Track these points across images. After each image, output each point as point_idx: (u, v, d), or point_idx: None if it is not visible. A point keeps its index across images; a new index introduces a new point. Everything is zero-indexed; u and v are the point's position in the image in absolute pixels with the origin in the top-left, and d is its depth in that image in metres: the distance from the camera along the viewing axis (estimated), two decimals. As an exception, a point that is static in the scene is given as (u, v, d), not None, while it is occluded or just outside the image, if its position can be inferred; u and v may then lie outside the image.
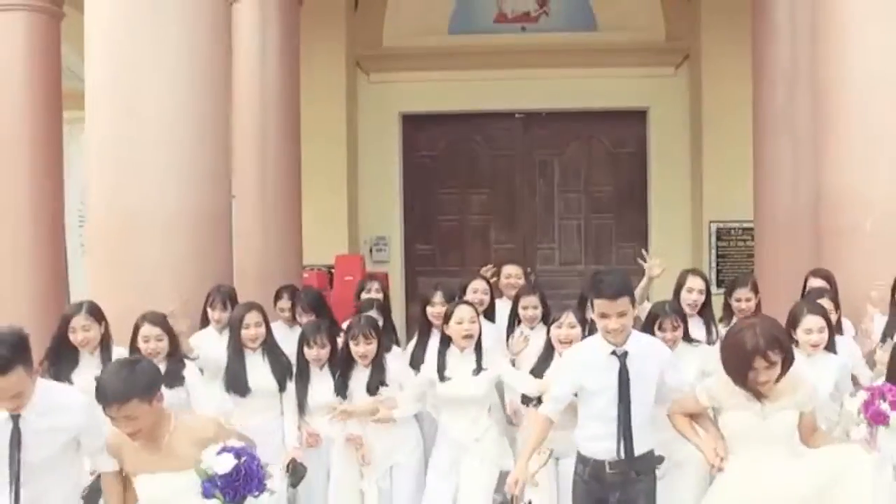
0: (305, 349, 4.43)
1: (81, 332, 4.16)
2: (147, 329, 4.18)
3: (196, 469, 2.85)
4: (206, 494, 2.84)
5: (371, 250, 9.68)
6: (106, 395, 2.88)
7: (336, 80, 9.30)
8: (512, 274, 5.57)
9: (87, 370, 4.04)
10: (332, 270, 8.69)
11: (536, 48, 9.63)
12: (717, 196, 8.93)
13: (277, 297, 5.51)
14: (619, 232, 10.09)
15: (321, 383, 4.40)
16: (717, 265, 8.84)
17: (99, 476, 3.28)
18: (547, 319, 4.60)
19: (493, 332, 4.82)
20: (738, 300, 4.76)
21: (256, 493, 2.88)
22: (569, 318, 4.24)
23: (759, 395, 3.03)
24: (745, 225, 8.42)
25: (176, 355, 4.24)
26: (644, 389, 3.33)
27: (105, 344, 4.26)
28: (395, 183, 9.97)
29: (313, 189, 8.39)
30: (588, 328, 4.16)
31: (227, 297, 4.86)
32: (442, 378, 4.20)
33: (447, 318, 4.27)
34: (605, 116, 9.87)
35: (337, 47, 9.30)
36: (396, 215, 9.96)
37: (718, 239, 8.99)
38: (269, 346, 4.50)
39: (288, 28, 7.53)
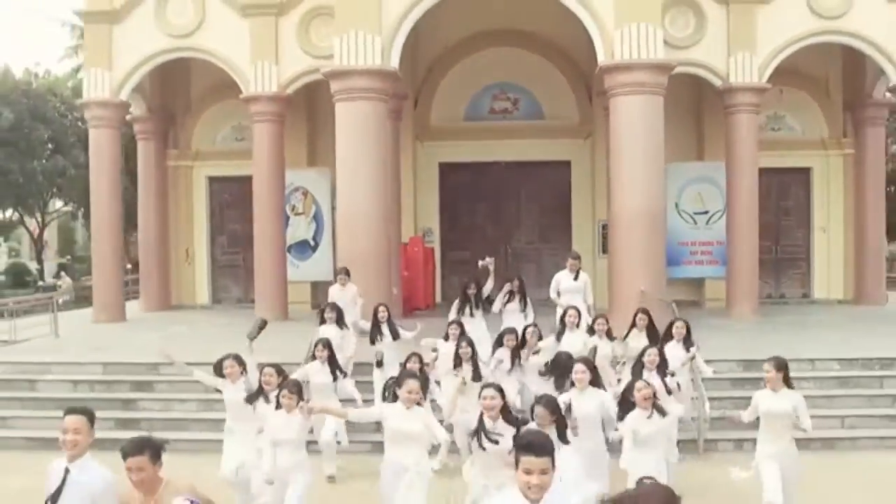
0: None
1: (267, 385, 7.17)
2: (381, 309, 9.84)
3: None
4: None
5: (424, 235, 18.01)
6: (126, 450, 4.27)
7: (407, 146, 17.62)
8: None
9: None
10: (405, 244, 16.96)
11: (512, 127, 18.04)
12: (601, 207, 17.21)
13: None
14: (556, 227, 18.49)
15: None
16: (602, 244, 17.16)
17: None
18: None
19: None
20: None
21: None
22: (490, 390, 5.87)
23: None
24: (615, 222, 16.70)
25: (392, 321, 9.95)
26: None
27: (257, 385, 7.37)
28: (436, 200, 18.38)
29: (398, 204, 16.69)
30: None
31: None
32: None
33: (399, 383, 6.30)
34: (549, 164, 18.25)
35: (407, 129, 17.61)
36: (436, 217, 18.37)
37: (603, 229, 17.31)
38: (389, 322, 9.92)
39: (395, 129, 15.83)
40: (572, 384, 7.05)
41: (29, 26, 73.78)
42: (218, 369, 7.53)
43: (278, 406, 6.67)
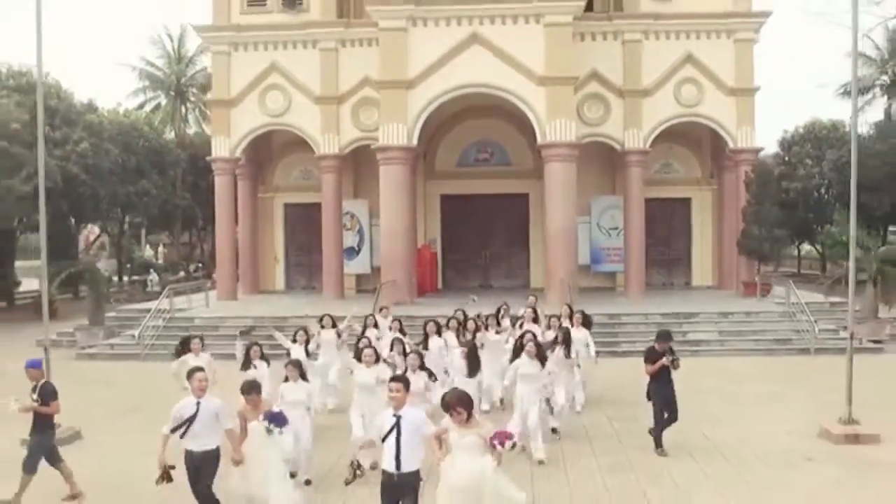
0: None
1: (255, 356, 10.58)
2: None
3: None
4: (269, 420, 7.63)
5: (430, 243, 26.83)
6: (244, 388, 7.92)
7: (420, 184, 26.44)
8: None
9: None
10: (419, 248, 25.72)
11: (489, 171, 26.96)
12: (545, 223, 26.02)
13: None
14: (518, 238, 27.39)
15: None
16: (549, 248, 25.94)
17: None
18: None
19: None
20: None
21: (281, 427, 7.58)
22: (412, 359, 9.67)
23: (459, 425, 6.50)
24: (556, 235, 25.52)
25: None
26: (409, 436, 6.54)
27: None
28: (438, 219, 27.27)
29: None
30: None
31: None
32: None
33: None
34: (514, 196, 27.11)
35: (420, 173, 26.40)
36: (438, 230, 27.26)
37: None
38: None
39: (413, 175, 24.60)
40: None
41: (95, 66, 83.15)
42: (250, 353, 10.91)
43: (287, 379, 9.32)
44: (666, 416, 10.49)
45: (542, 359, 10.38)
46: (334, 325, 13.32)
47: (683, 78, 23.88)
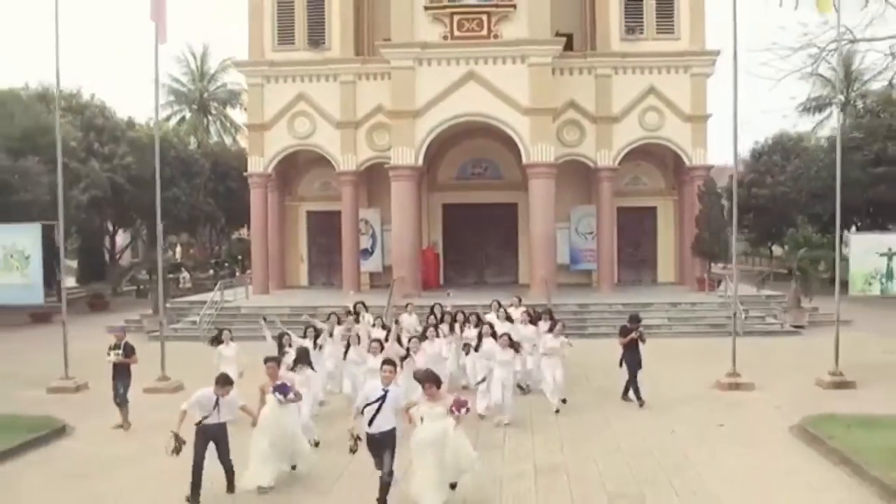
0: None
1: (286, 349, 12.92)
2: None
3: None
4: (275, 391, 9.63)
5: (433, 245, 31.28)
6: (266, 358, 10.31)
7: (424, 195, 30.88)
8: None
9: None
10: (424, 250, 30.15)
11: (484, 184, 31.46)
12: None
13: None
14: (509, 241, 31.87)
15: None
16: (534, 250, 30.36)
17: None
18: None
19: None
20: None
21: (291, 395, 9.60)
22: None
23: (429, 399, 8.47)
24: (540, 239, 29.95)
25: None
26: (389, 406, 8.31)
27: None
28: (440, 224, 31.77)
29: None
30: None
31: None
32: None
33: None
34: (505, 205, 31.58)
35: (424, 186, 30.85)
36: (440, 234, 31.75)
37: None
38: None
39: (419, 188, 29.05)
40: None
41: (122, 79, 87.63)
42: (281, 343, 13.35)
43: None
44: (629, 380, 14.31)
45: (514, 347, 12.99)
46: (339, 322, 15.47)
47: (647, 106, 28.26)
